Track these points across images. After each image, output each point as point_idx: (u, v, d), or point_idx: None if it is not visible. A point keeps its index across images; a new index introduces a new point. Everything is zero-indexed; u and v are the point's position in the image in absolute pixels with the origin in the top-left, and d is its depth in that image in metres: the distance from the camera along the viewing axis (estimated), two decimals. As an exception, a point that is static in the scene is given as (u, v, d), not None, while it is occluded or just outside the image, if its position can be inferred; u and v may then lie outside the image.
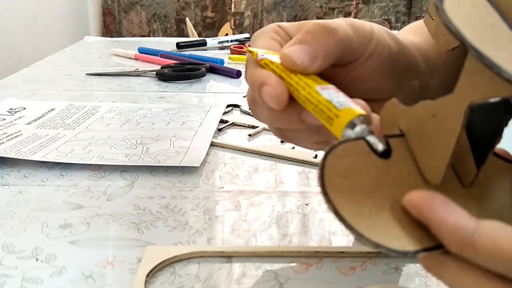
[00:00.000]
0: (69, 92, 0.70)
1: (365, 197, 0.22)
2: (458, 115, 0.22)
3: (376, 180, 0.23)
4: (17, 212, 0.36)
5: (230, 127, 0.55)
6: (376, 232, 0.21)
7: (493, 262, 0.19)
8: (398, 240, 0.21)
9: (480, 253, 0.19)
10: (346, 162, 0.23)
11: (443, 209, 0.21)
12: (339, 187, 0.22)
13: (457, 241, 0.20)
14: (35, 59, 0.93)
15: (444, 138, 0.23)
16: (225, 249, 0.32)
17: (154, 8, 2.03)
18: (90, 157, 0.45)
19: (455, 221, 0.20)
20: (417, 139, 0.25)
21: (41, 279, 0.29)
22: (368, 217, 0.22)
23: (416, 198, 0.21)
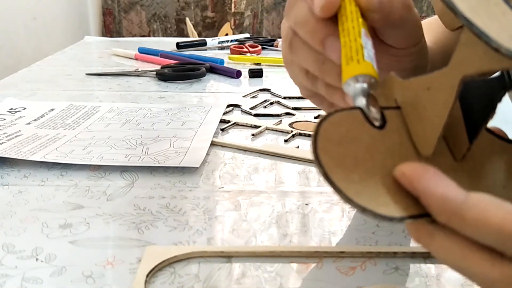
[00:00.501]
0: (69, 92, 0.70)
1: (356, 164, 0.23)
2: (451, 88, 0.22)
3: (369, 148, 0.23)
4: (17, 212, 0.36)
5: (232, 127, 0.55)
6: (364, 197, 0.21)
7: (481, 233, 0.20)
8: (385, 206, 0.21)
9: (468, 224, 0.20)
10: (340, 129, 0.23)
11: (433, 180, 0.21)
12: (331, 153, 0.22)
13: (446, 211, 0.20)
14: (35, 59, 0.93)
15: (437, 110, 0.23)
16: (225, 249, 0.32)
17: (154, 8, 2.03)
18: (90, 158, 0.45)
19: (444, 192, 0.20)
20: (411, 111, 0.25)
21: (41, 279, 0.29)
22: (358, 183, 0.22)
23: (407, 169, 0.22)
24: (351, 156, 0.23)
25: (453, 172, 0.24)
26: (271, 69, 0.86)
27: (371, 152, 0.23)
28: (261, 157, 0.47)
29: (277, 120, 0.57)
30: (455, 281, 0.29)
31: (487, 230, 0.19)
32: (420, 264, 0.31)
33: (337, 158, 0.22)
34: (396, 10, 0.30)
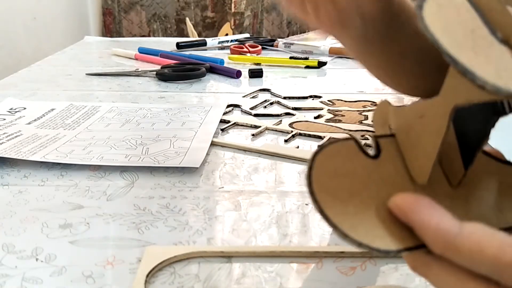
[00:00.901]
0: (69, 92, 0.70)
1: (351, 196, 0.23)
2: (443, 117, 0.22)
3: (364, 179, 0.23)
4: (17, 212, 0.36)
5: (232, 127, 0.55)
6: (360, 231, 0.21)
7: (476, 263, 0.20)
8: (381, 239, 0.21)
9: (463, 255, 0.20)
10: (334, 161, 0.23)
11: (427, 211, 0.21)
12: (325, 186, 0.22)
13: (441, 242, 0.20)
14: (35, 59, 0.93)
15: (431, 139, 0.23)
16: (225, 249, 0.32)
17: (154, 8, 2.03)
18: (90, 158, 0.45)
19: (438, 223, 0.20)
20: (406, 139, 0.25)
21: (41, 279, 0.29)
22: (353, 215, 0.22)
23: (401, 201, 0.22)
24: (346, 189, 0.23)
25: (449, 199, 0.24)
26: (271, 69, 0.86)
27: (366, 183, 0.23)
28: (261, 157, 0.47)
29: (277, 120, 0.57)
30: (455, 281, 0.29)
31: (482, 260, 0.20)
32: (420, 264, 0.31)
33: (332, 192, 0.22)
34: None
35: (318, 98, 0.67)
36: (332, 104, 0.64)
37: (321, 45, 1.00)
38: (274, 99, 0.66)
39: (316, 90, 0.71)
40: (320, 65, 0.87)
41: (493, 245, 0.19)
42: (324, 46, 0.99)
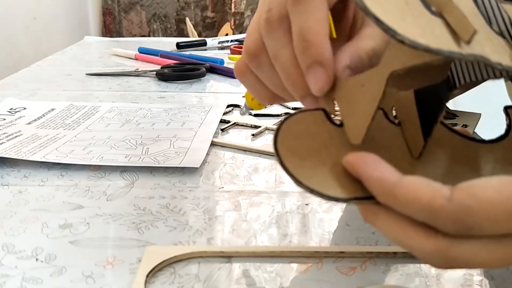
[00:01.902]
0: (69, 92, 0.70)
1: (311, 154, 0.26)
2: (380, 83, 0.25)
3: (326, 142, 0.27)
4: (17, 212, 0.36)
5: (232, 127, 0.55)
6: (314, 181, 0.25)
7: (412, 210, 0.22)
8: (332, 189, 0.24)
9: (400, 202, 0.22)
10: (301, 126, 0.27)
11: (372, 165, 0.23)
12: (288, 145, 0.25)
13: (382, 191, 0.22)
14: (35, 59, 0.93)
15: (368, 102, 0.25)
16: (225, 249, 0.32)
17: (154, 8, 2.03)
18: (90, 158, 0.45)
19: (380, 174, 0.23)
20: (346, 106, 0.27)
21: (41, 279, 0.29)
22: (310, 169, 0.25)
23: (352, 157, 0.24)
24: (306, 148, 0.26)
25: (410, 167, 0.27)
26: (271, 69, 0.86)
27: (327, 145, 0.26)
28: (261, 157, 0.47)
29: (277, 120, 0.57)
30: (455, 281, 0.29)
31: (417, 206, 0.21)
32: (420, 264, 0.31)
33: (293, 149, 0.25)
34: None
35: (318, 98, 0.67)
36: (332, 104, 0.64)
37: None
38: (274, 99, 0.66)
39: (316, 90, 0.70)
40: (320, 65, 0.87)
41: (427, 193, 0.21)
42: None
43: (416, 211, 0.22)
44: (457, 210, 0.21)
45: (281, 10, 0.30)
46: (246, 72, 0.33)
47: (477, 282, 0.29)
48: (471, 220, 0.21)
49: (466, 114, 0.56)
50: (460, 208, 0.21)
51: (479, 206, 0.21)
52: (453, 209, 0.21)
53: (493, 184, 0.21)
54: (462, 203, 0.21)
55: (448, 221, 0.21)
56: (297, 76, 0.29)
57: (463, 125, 0.54)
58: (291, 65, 0.29)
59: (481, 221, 0.21)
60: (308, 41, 0.28)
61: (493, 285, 0.29)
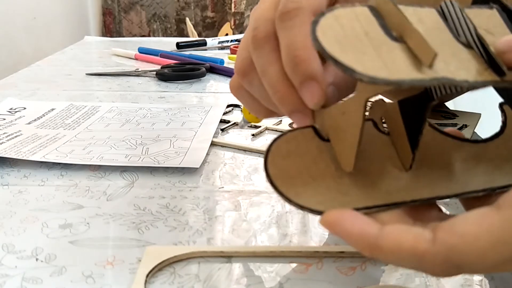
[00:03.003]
0: (69, 92, 0.70)
1: (300, 172, 0.26)
2: (359, 111, 0.25)
3: (315, 158, 0.27)
4: (17, 212, 0.36)
5: (232, 127, 0.55)
6: (303, 198, 0.25)
7: (399, 258, 0.22)
8: (322, 204, 0.25)
9: (385, 253, 0.22)
10: (290, 145, 0.27)
11: (350, 221, 0.23)
12: (278, 165, 0.26)
13: (366, 246, 0.22)
14: (35, 59, 0.93)
15: (351, 131, 0.26)
16: (225, 249, 0.32)
17: (154, 8, 2.03)
18: (90, 158, 0.45)
19: (360, 230, 0.23)
20: (334, 135, 0.28)
21: (41, 279, 0.29)
22: (299, 186, 0.26)
23: (327, 217, 0.24)
24: (296, 166, 0.26)
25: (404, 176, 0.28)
26: (271, 69, 0.86)
27: (316, 161, 0.27)
28: (261, 157, 0.47)
29: (277, 120, 0.57)
30: (455, 281, 0.29)
31: (403, 255, 0.21)
32: (420, 264, 0.31)
33: (283, 169, 0.26)
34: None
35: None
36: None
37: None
38: (274, 99, 0.66)
39: (316, 90, 0.70)
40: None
41: (409, 240, 0.21)
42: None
43: (403, 259, 0.22)
44: (442, 250, 0.21)
45: (267, 27, 0.30)
46: (240, 89, 0.34)
47: (477, 282, 0.29)
48: (458, 258, 0.21)
49: (466, 114, 0.56)
50: (444, 248, 0.21)
51: (463, 242, 0.21)
52: (438, 250, 0.21)
53: (471, 219, 0.21)
54: (446, 243, 0.21)
55: (436, 264, 0.21)
56: (284, 92, 0.29)
57: (463, 125, 0.54)
58: (278, 81, 0.29)
59: (468, 257, 0.20)
60: (298, 56, 0.28)
61: (493, 285, 0.29)
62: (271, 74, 0.29)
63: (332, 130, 0.28)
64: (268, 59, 0.30)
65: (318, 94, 0.28)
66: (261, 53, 0.30)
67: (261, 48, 0.30)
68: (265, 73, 0.30)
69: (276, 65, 0.29)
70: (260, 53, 0.30)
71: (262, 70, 0.30)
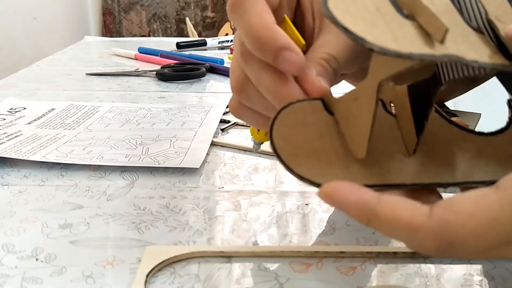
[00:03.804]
0: (69, 92, 0.70)
1: (305, 143, 0.26)
2: (371, 95, 0.25)
3: (321, 131, 0.27)
4: (17, 212, 0.36)
5: (232, 127, 0.55)
6: (305, 169, 0.25)
7: (393, 228, 0.22)
8: (322, 176, 0.25)
9: (381, 222, 0.22)
10: (297, 115, 0.27)
11: (348, 191, 0.23)
12: (284, 133, 0.26)
13: (363, 213, 0.22)
14: (35, 59, 0.93)
15: (364, 116, 0.26)
16: (225, 249, 0.32)
17: (154, 8, 2.03)
18: (90, 158, 0.45)
19: (358, 197, 0.23)
20: (345, 122, 0.27)
21: (41, 279, 0.29)
22: (302, 157, 0.26)
23: (326, 189, 0.24)
24: (301, 137, 0.26)
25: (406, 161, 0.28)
26: (271, 69, 0.86)
27: (322, 134, 0.27)
28: (261, 157, 0.47)
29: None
30: (455, 281, 0.29)
31: (398, 225, 0.22)
32: (420, 264, 0.31)
33: (288, 138, 0.26)
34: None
35: (318, 98, 0.67)
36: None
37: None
38: (274, 99, 0.66)
39: (316, 90, 0.70)
40: (320, 65, 0.87)
41: (406, 211, 0.22)
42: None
43: (397, 229, 0.22)
44: (436, 225, 0.21)
45: None
46: (241, 108, 0.34)
47: (477, 282, 0.29)
48: (451, 234, 0.21)
49: (466, 114, 0.56)
50: (439, 223, 0.21)
51: (458, 219, 0.21)
52: (433, 225, 0.21)
53: (469, 197, 0.21)
54: (441, 218, 0.21)
55: (429, 238, 0.21)
56: (283, 92, 0.29)
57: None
58: (274, 84, 0.29)
59: (461, 234, 0.21)
60: (261, 36, 0.28)
61: (493, 285, 0.29)
62: (266, 80, 0.29)
63: (343, 118, 0.28)
64: (259, 67, 0.30)
65: (295, 60, 0.27)
66: (252, 64, 0.30)
67: (251, 60, 0.30)
68: (260, 81, 0.30)
69: (269, 70, 0.29)
70: (251, 65, 0.30)
71: (256, 80, 0.30)
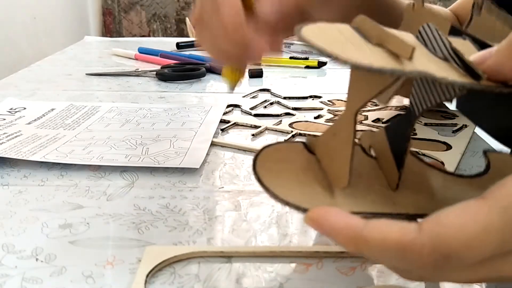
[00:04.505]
0: (69, 92, 0.70)
1: (289, 176, 0.27)
2: (349, 126, 0.26)
3: (304, 166, 0.28)
4: (17, 212, 0.36)
5: (232, 127, 0.55)
6: (290, 196, 0.26)
7: (385, 250, 0.22)
8: (308, 203, 0.25)
9: (371, 246, 0.22)
10: (280, 153, 0.28)
11: (335, 217, 0.23)
12: (267, 167, 0.27)
13: (351, 239, 0.22)
14: (35, 59, 0.93)
15: (343, 147, 0.27)
16: (225, 249, 0.32)
17: (154, 8, 2.03)
18: (90, 158, 0.45)
19: (346, 222, 0.23)
20: (326, 157, 0.29)
21: (41, 279, 0.29)
22: (287, 187, 0.26)
23: (313, 214, 0.24)
24: (285, 171, 0.27)
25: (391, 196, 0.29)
26: (271, 69, 0.86)
27: (305, 169, 0.28)
28: (261, 157, 0.47)
29: (277, 120, 0.57)
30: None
31: (389, 245, 0.21)
32: (420, 264, 0.31)
33: (272, 171, 0.27)
34: None
35: (318, 98, 0.67)
36: (332, 104, 0.64)
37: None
38: (274, 99, 0.66)
39: (316, 90, 0.71)
40: (320, 65, 0.87)
41: (396, 231, 0.21)
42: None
43: (388, 250, 0.22)
44: (429, 240, 0.21)
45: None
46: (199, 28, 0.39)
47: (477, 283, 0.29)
48: (445, 247, 0.21)
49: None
50: (431, 237, 0.21)
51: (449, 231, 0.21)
52: (425, 239, 0.21)
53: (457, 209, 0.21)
54: (432, 231, 0.21)
55: (424, 254, 0.21)
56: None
57: (463, 125, 0.54)
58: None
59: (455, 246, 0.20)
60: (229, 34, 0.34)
61: (493, 285, 0.29)
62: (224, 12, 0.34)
63: (325, 154, 0.29)
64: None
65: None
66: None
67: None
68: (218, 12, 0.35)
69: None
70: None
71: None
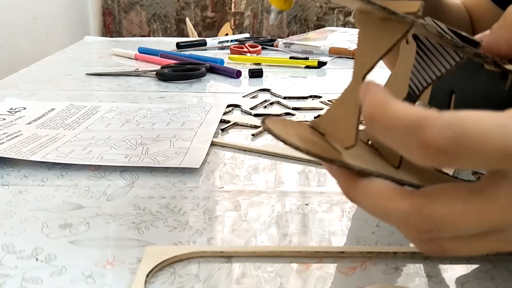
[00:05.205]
0: (69, 92, 0.70)
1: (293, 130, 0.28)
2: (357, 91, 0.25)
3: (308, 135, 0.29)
4: (17, 212, 0.36)
5: (232, 127, 0.55)
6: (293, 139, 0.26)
7: (400, 125, 0.21)
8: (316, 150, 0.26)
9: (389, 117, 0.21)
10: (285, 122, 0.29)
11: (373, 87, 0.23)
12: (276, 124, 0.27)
13: (375, 105, 0.22)
14: (35, 59, 0.93)
15: (352, 112, 0.27)
16: (225, 249, 0.32)
17: (154, 8, 2.03)
18: (90, 158, 0.45)
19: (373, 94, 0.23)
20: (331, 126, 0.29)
21: (41, 279, 0.29)
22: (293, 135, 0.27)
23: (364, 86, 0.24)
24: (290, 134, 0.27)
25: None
26: (271, 69, 0.86)
27: (310, 137, 0.28)
28: (261, 157, 0.47)
29: (277, 120, 0.57)
30: (455, 281, 0.29)
31: (408, 119, 0.21)
32: (420, 264, 0.31)
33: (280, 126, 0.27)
34: None
35: (318, 98, 0.67)
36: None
37: (321, 45, 1.00)
38: (274, 99, 0.66)
39: (316, 90, 0.71)
40: (320, 65, 0.87)
41: (415, 111, 0.21)
42: (324, 46, 0.99)
43: (405, 125, 0.21)
44: (448, 116, 0.20)
45: None
46: None
47: (477, 282, 0.29)
48: (461, 128, 0.20)
49: None
50: (451, 116, 0.20)
51: (469, 118, 0.20)
52: (445, 116, 0.20)
53: (477, 112, 0.21)
54: (452, 114, 0.20)
55: (441, 133, 0.20)
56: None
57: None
58: None
59: (470, 131, 0.20)
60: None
61: (493, 285, 0.29)
62: None
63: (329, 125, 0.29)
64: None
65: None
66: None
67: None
68: None
69: None
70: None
71: None
